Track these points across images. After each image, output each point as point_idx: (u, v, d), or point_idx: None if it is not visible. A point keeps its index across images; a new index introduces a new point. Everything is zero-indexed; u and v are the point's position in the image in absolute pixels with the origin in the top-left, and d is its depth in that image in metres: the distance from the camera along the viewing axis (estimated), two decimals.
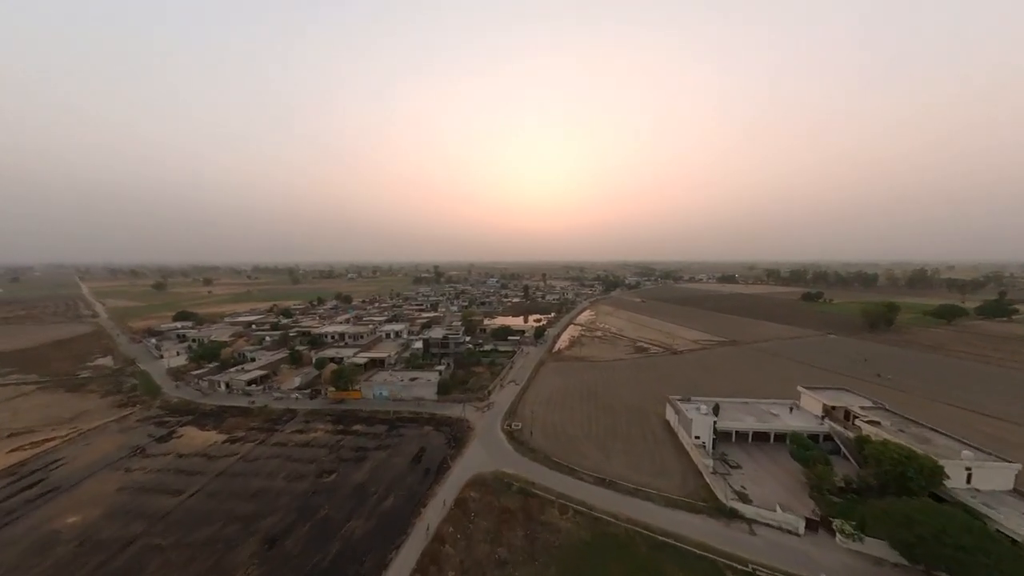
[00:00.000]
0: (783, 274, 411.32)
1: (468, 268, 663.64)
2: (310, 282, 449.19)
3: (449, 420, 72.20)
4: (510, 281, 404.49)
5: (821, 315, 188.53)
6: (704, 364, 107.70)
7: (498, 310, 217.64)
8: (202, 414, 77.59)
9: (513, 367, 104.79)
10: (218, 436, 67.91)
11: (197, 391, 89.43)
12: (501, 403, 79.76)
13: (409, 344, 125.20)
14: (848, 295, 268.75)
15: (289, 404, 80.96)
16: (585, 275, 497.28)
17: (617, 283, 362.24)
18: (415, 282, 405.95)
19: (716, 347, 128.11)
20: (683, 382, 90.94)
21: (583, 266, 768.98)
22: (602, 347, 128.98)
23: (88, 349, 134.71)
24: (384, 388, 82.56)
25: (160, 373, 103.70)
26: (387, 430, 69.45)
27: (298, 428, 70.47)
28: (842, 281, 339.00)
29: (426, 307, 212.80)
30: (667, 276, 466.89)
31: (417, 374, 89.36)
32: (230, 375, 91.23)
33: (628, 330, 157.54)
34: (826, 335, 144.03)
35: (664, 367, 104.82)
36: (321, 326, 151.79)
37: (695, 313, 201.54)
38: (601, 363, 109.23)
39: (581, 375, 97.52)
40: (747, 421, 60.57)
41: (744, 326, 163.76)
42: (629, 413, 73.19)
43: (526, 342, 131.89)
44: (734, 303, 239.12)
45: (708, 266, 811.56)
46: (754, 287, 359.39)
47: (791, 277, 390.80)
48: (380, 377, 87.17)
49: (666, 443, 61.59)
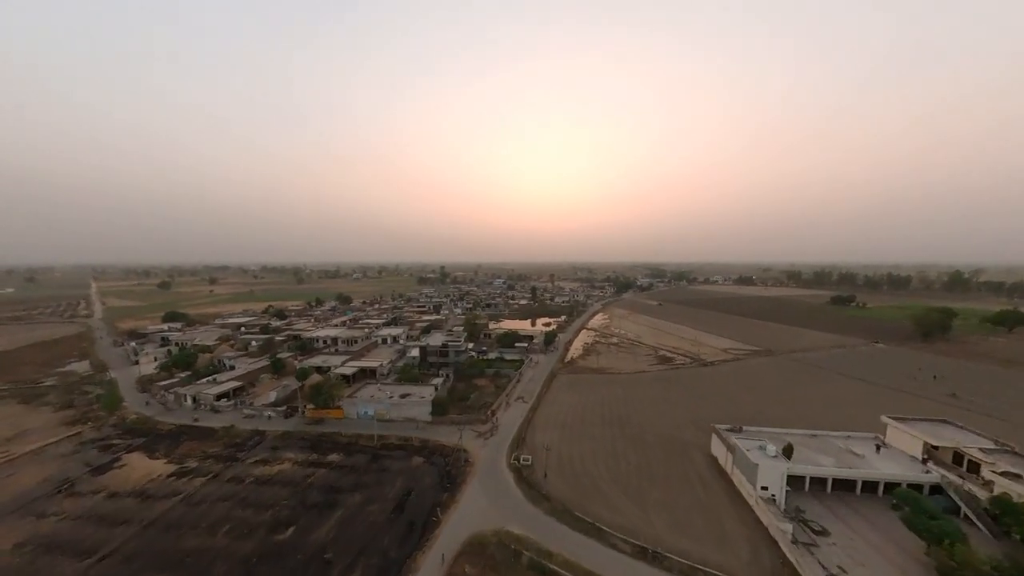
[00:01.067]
0: (805, 276, 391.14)
1: (475, 269, 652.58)
2: (315, 282, 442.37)
3: (444, 449, 59.70)
4: (517, 282, 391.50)
5: (858, 321, 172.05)
6: (741, 378, 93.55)
7: (504, 313, 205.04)
8: (158, 436, 66.29)
9: (521, 380, 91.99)
10: (166, 467, 56.39)
11: (161, 405, 78.52)
12: (507, 426, 67.03)
13: (406, 351, 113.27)
14: (879, 299, 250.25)
15: (260, 424, 69.33)
16: (594, 276, 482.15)
17: (629, 285, 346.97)
18: (419, 283, 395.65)
19: (749, 357, 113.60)
20: (722, 402, 77.13)
21: (591, 267, 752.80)
22: (620, 357, 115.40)
23: (66, 352, 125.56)
24: (370, 407, 70.43)
25: (130, 382, 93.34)
26: (368, 461, 57.21)
27: (263, 457, 58.62)
28: (871, 284, 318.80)
29: (428, 309, 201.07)
30: (680, 278, 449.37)
31: (410, 389, 77.12)
32: (198, 387, 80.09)
33: (647, 336, 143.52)
34: (872, 344, 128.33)
35: (694, 382, 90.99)
36: (314, 329, 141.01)
37: (719, 318, 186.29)
38: (621, 376, 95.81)
39: (599, 391, 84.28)
40: (824, 463, 46.88)
41: (776, 333, 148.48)
42: (664, 445, 59.81)
43: (535, 350, 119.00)
44: (759, 307, 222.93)
45: (719, 267, 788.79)
46: (775, 289, 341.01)
47: (814, 279, 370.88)
48: (366, 393, 75.08)
49: (717, 490, 48.17)
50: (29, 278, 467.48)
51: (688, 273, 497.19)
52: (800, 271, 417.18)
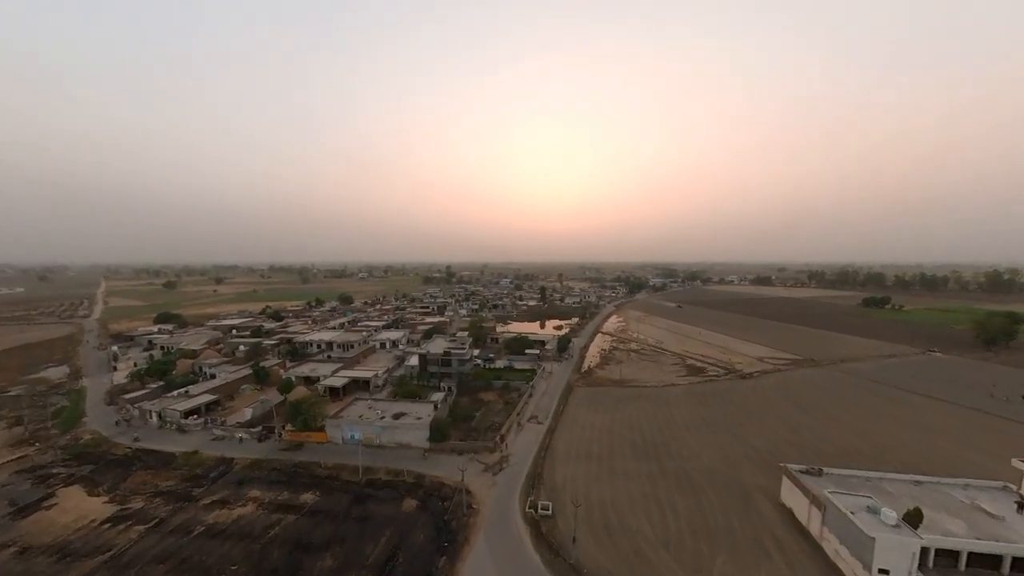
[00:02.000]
0: (828, 276, 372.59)
1: (481, 268, 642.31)
2: (320, 281, 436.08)
3: (442, 489, 48.57)
4: (524, 282, 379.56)
5: (900, 325, 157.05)
6: (789, 395, 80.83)
7: (512, 315, 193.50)
8: (108, 463, 56.30)
9: (533, 394, 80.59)
10: (104, 507, 46.19)
11: (125, 422, 68.71)
12: (520, 456, 55.74)
13: (404, 358, 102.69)
14: (914, 300, 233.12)
15: (229, 448, 59.01)
16: (603, 276, 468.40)
17: (641, 285, 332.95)
18: (425, 282, 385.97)
19: (791, 368, 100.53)
20: (775, 427, 64.77)
21: (599, 267, 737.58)
22: (644, 366, 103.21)
23: (47, 356, 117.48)
24: (357, 429, 59.63)
25: (102, 392, 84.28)
26: (349, 504, 46.34)
27: (223, 495, 48.12)
28: (902, 284, 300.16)
29: (432, 310, 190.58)
30: (693, 278, 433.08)
31: (405, 406, 66.17)
32: (166, 402, 70.17)
33: (670, 342, 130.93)
34: (927, 353, 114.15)
35: (736, 398, 78.55)
36: (309, 332, 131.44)
37: (745, 321, 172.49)
38: (648, 390, 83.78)
39: (626, 409, 72.44)
40: (954, 529, 34.65)
41: (813, 339, 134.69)
42: (717, 487, 47.87)
43: (548, 357, 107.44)
44: (786, 309, 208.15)
45: (731, 267, 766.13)
46: (796, 290, 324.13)
47: (837, 279, 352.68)
48: (354, 412, 64.28)
49: (804, 562, 36.21)
50: (42, 277, 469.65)
51: (701, 273, 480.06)
52: (823, 271, 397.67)
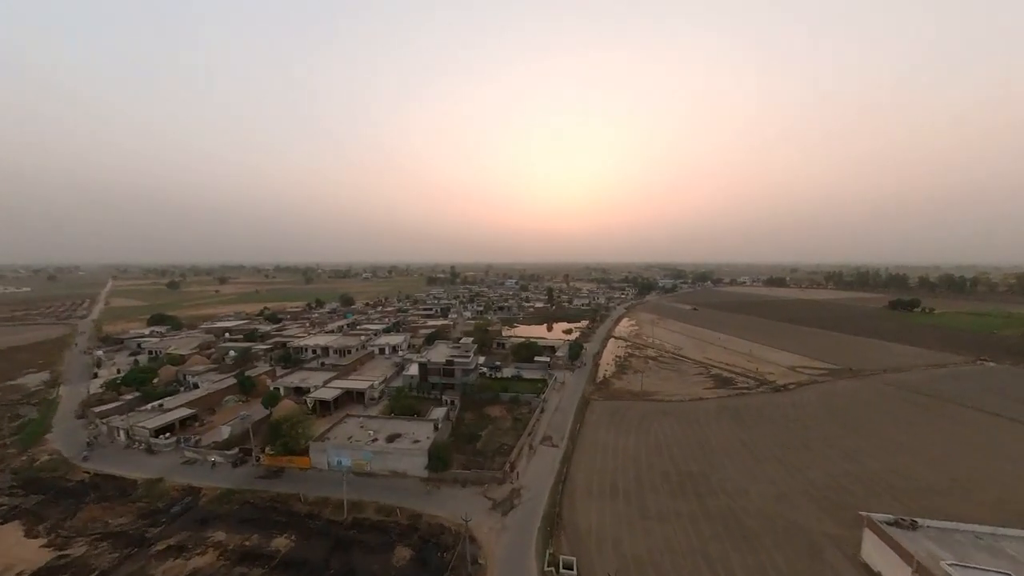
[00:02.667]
0: (847, 278, 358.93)
1: (486, 269, 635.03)
2: (324, 282, 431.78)
3: (442, 534, 40.43)
4: (530, 283, 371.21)
5: (937, 331, 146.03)
6: (835, 412, 71.50)
7: (518, 317, 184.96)
8: (60, 492, 48.99)
9: (545, 409, 72.21)
10: (39, 553, 38.72)
11: (93, 440, 61.54)
12: (533, 489, 47.48)
13: (404, 365, 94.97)
14: (943, 303, 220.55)
15: (199, 474, 51.48)
16: (610, 277, 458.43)
17: (650, 286, 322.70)
18: (428, 283, 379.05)
19: (830, 380, 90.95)
20: (828, 453, 55.67)
21: (605, 267, 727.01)
22: (665, 376, 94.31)
23: (30, 360, 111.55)
24: (345, 454, 51.76)
25: (76, 401, 77.59)
26: (328, 553, 38.38)
27: (181, 539, 40.40)
28: (927, 286, 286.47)
29: (435, 312, 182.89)
30: (703, 279, 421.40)
31: (402, 425, 58.20)
32: (136, 417, 62.92)
33: (690, 348, 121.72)
34: (978, 362, 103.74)
35: (775, 416, 69.46)
36: (306, 336, 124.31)
37: (767, 325, 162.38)
38: (674, 405, 74.98)
39: (652, 428, 63.80)
40: None
41: (847, 345, 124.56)
42: (777, 536, 39.18)
43: (559, 365, 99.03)
44: (810, 312, 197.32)
45: (739, 268, 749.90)
46: (813, 292, 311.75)
47: (856, 281, 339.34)
48: (344, 432, 56.38)
49: None
50: (51, 277, 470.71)
51: (710, 274, 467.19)
52: (840, 272, 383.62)
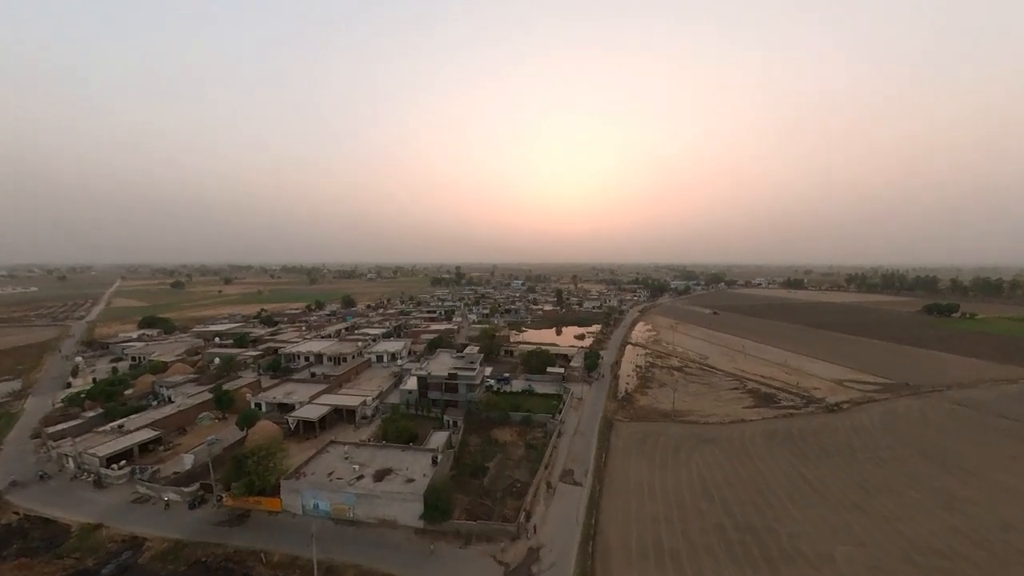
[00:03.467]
0: (871, 280, 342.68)
1: (491, 269, 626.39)
2: (328, 282, 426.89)
3: None
4: (537, 284, 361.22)
5: (988, 339, 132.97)
6: (908, 441, 60.35)
7: (526, 320, 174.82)
8: None
9: (563, 433, 62.26)
10: None
11: (43, 468, 53.12)
12: (555, 551, 37.53)
13: (403, 376, 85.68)
14: (980, 307, 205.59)
15: (148, 519, 42.48)
16: (618, 278, 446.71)
17: (663, 288, 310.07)
18: (433, 283, 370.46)
19: (886, 397, 79.47)
20: (921, 499, 44.80)
21: (612, 268, 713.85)
22: (696, 390, 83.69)
23: (9, 366, 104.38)
24: (323, 496, 42.39)
25: (39, 417, 69.61)
26: None
27: None
28: (959, 289, 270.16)
29: (439, 315, 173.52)
30: (715, 280, 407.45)
31: (394, 457, 48.70)
32: (86, 442, 54.24)
33: (716, 357, 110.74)
34: None
35: (837, 445, 58.57)
36: (300, 341, 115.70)
37: (796, 332, 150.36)
38: (713, 428, 64.46)
39: (693, 461, 53.47)
40: None
41: (894, 355, 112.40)
42: None
43: (574, 377, 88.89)
44: (838, 317, 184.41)
45: (749, 269, 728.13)
46: (835, 295, 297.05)
47: (881, 283, 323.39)
48: (323, 467, 46.94)
49: None
50: (61, 277, 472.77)
51: (722, 275, 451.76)
52: (862, 274, 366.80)
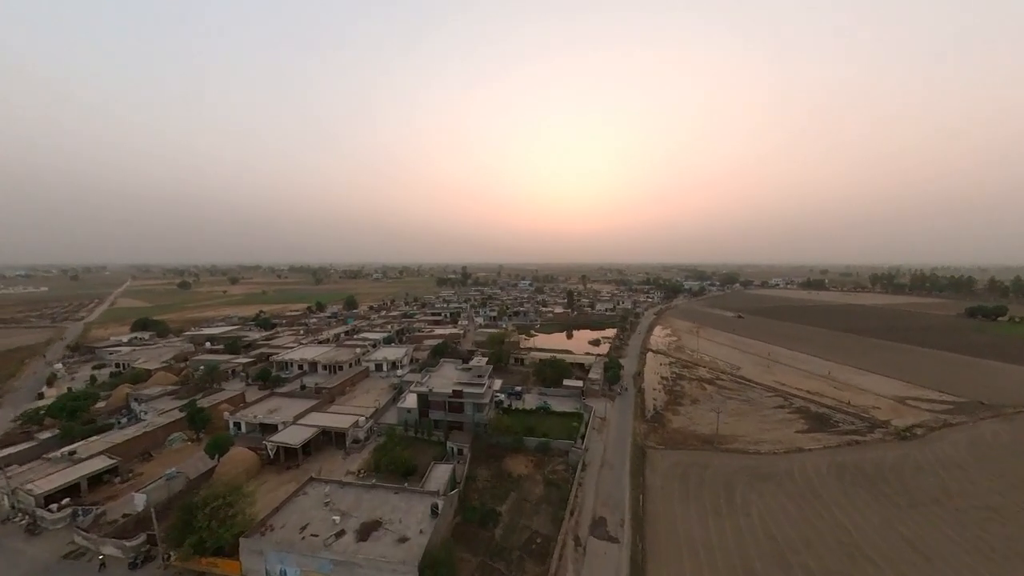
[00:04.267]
0: (899, 281, 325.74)
1: (497, 269, 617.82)
2: (334, 282, 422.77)
3: None
4: (545, 284, 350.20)
5: None
6: (1013, 481, 49.30)
7: (536, 324, 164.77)
8: None
9: (588, 464, 52.52)
10: None
11: None
12: None
13: (402, 388, 76.73)
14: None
15: None
16: (627, 278, 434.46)
17: (676, 289, 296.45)
18: (439, 284, 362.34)
19: (964, 420, 67.94)
20: None
21: (619, 268, 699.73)
22: (736, 408, 73.13)
23: None
24: (291, 561, 33.32)
25: None
26: None
27: None
28: (999, 290, 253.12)
29: (444, 318, 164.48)
30: (730, 280, 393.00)
31: (384, 502, 39.52)
32: (27, 474, 46.06)
33: (750, 367, 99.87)
34: None
35: (928, 487, 47.80)
36: (295, 347, 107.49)
37: (832, 338, 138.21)
38: (767, 460, 54.10)
39: (752, 506, 43.36)
40: None
41: (953, 367, 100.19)
42: None
43: (594, 391, 79.03)
44: (875, 321, 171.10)
45: (760, 269, 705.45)
46: (861, 296, 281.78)
47: (912, 284, 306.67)
48: (295, 517, 37.81)
49: None
50: (74, 276, 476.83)
51: (736, 275, 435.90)
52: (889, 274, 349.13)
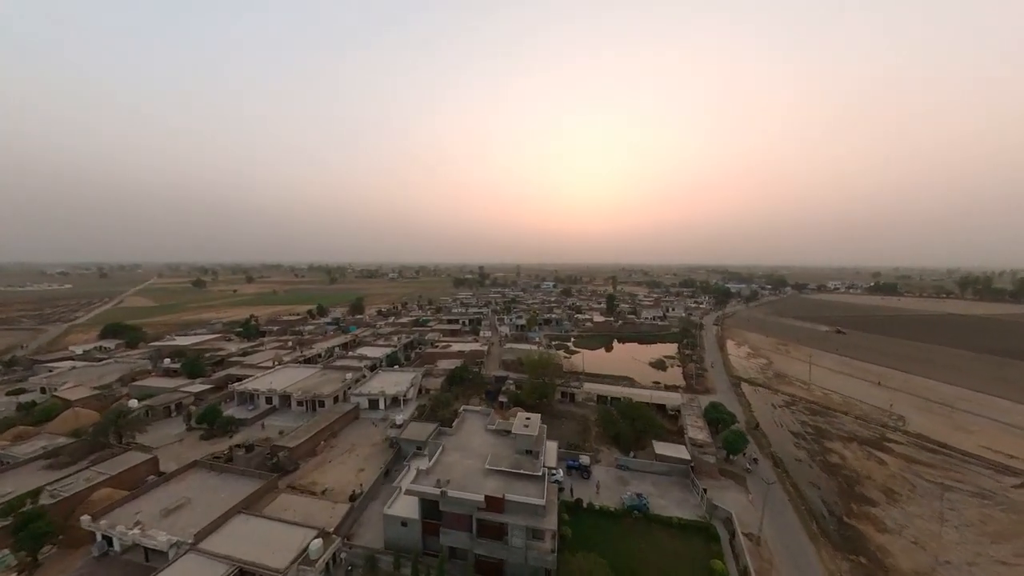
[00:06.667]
0: (998, 286, 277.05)
1: (515, 269, 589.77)
2: (350, 282, 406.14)
3: None
4: (571, 286, 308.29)
5: None
6: None
7: (572, 334, 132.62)
8: None
9: None
10: None
11: None
12: None
13: (400, 448, 48.89)
14: None
15: None
16: (656, 279, 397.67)
17: (727, 293, 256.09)
18: (456, 284, 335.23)
19: None
20: None
21: (644, 268, 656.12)
22: (962, 504, 41.77)
23: None
24: None
25: None
26: None
27: None
28: None
29: (462, 326, 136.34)
30: (781, 283, 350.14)
31: None
32: None
33: (912, 414, 67.12)
34: None
35: None
36: (272, 368, 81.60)
37: (995, 366, 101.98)
38: None
39: None
40: None
41: None
42: None
43: (708, 466, 48.73)
44: (1014, 340, 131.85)
45: (794, 271, 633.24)
46: (953, 303, 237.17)
47: (1014, 291, 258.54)
48: None
49: None
50: (103, 274, 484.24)
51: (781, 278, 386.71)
52: (976, 278, 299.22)
